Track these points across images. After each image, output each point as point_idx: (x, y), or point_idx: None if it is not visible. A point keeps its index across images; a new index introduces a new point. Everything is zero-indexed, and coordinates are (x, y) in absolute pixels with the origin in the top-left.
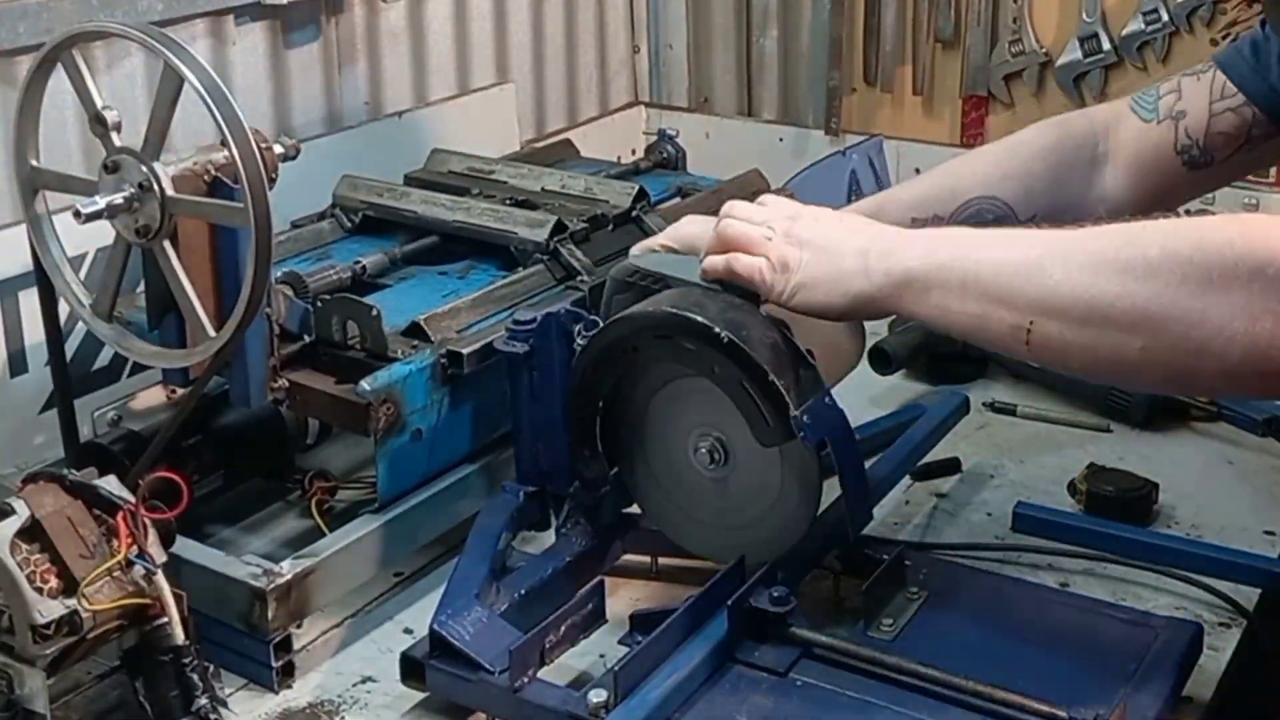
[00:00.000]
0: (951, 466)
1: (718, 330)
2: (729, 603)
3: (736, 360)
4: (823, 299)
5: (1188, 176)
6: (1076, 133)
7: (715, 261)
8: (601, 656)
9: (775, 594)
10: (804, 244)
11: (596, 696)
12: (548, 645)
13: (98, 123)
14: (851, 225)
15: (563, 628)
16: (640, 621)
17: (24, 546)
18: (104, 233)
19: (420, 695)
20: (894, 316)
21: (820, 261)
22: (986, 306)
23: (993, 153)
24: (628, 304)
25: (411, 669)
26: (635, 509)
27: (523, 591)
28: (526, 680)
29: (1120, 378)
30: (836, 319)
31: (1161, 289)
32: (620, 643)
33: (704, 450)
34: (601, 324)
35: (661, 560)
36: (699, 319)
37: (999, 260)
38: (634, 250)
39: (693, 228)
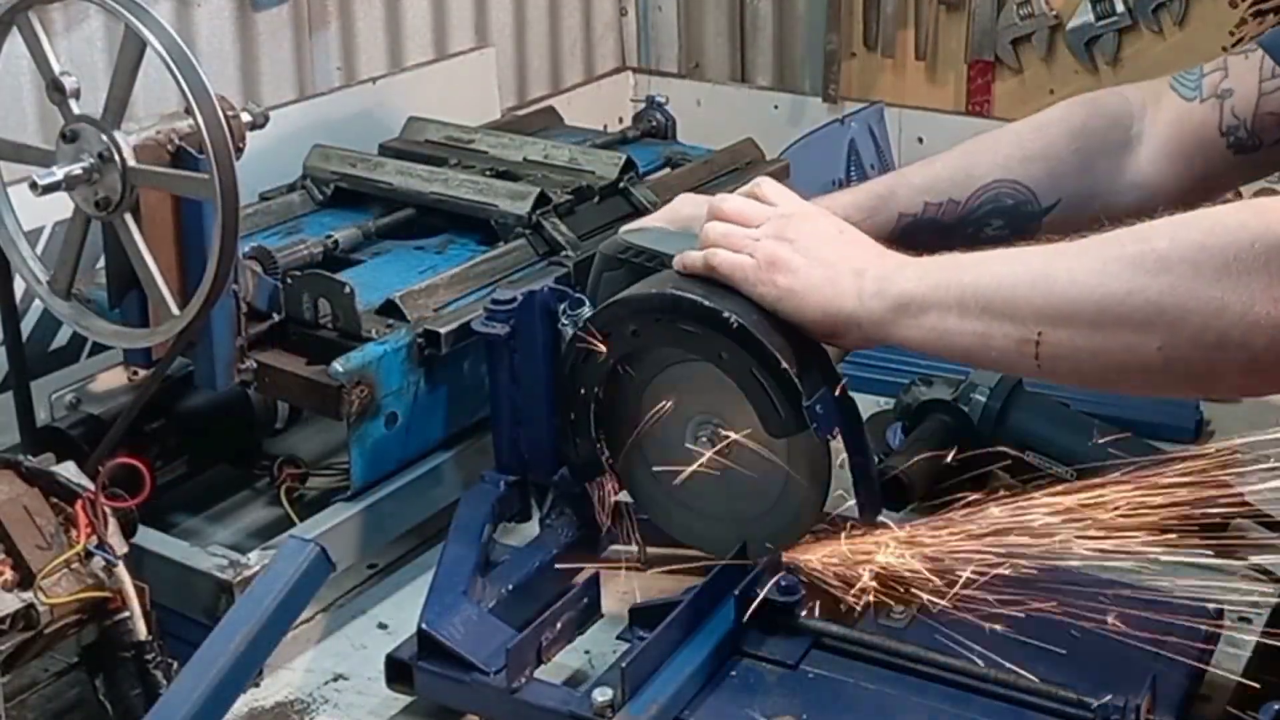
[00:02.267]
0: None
1: (726, 315)
2: (735, 593)
3: (747, 346)
4: (809, 310)
5: (1232, 160)
6: (1108, 111)
7: (693, 258)
8: (587, 653)
9: (783, 583)
10: (797, 247)
11: (602, 695)
12: (545, 642)
13: (55, 89)
14: (850, 238)
15: (559, 624)
16: (640, 615)
17: None
18: (62, 205)
19: (395, 694)
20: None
21: (812, 271)
22: (989, 322)
23: (1014, 132)
24: (617, 281)
25: (398, 671)
26: (623, 497)
27: (510, 587)
28: (524, 680)
29: (1139, 384)
30: (815, 334)
31: (1175, 280)
32: (619, 638)
33: (704, 438)
34: (590, 303)
35: (650, 550)
36: (705, 302)
37: (1000, 273)
38: (624, 229)
39: (687, 208)
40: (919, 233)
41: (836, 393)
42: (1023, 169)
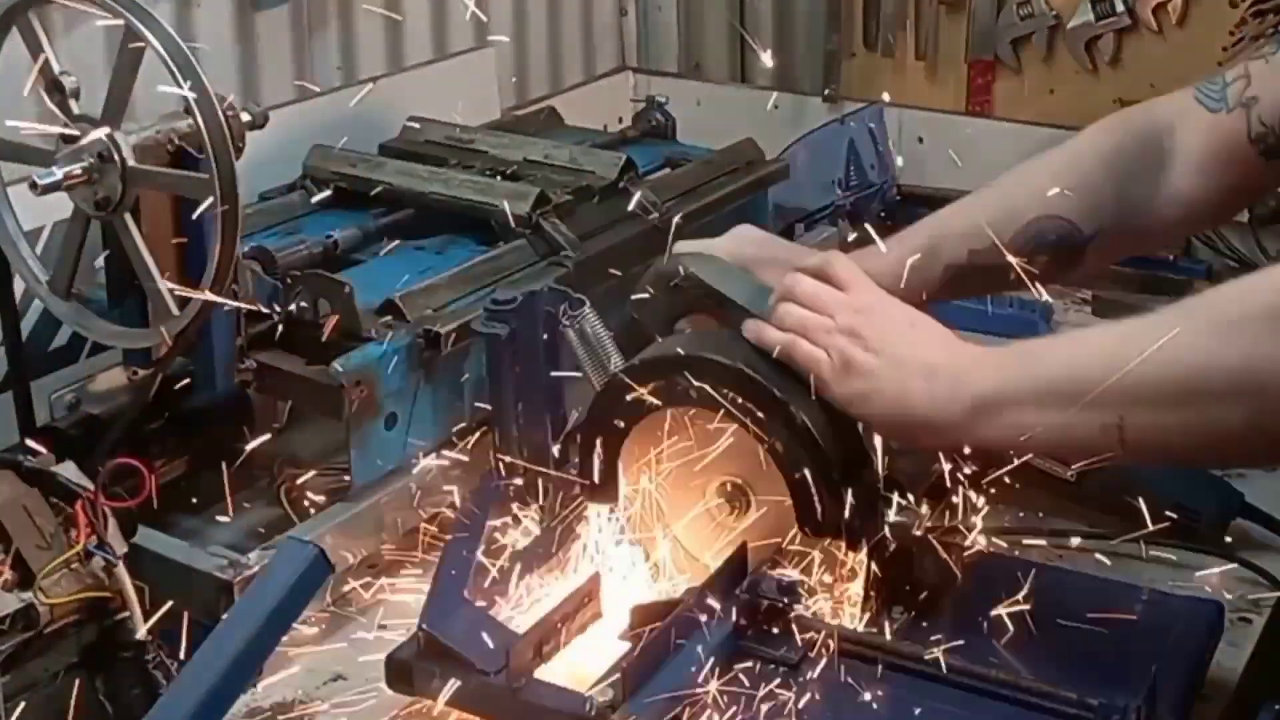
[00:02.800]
0: None
1: (797, 416)
2: (735, 593)
3: (806, 448)
4: (881, 413)
5: (1265, 166)
6: (1138, 132)
7: (769, 337)
8: (587, 653)
9: (783, 583)
10: (869, 348)
11: (603, 695)
12: (546, 643)
13: (55, 89)
14: (922, 334)
15: (560, 624)
16: (641, 615)
17: None
18: (62, 205)
19: (393, 694)
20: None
21: (885, 374)
22: (1069, 413)
23: (1048, 165)
24: (660, 306)
25: (398, 671)
26: None
27: (513, 587)
28: (524, 680)
29: (1232, 457)
30: (887, 437)
31: (1252, 346)
32: (620, 638)
33: (721, 499)
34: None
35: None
36: (778, 394)
37: (1074, 360)
38: (679, 248)
39: (750, 248)
40: (966, 279)
41: (877, 508)
42: (1062, 202)
